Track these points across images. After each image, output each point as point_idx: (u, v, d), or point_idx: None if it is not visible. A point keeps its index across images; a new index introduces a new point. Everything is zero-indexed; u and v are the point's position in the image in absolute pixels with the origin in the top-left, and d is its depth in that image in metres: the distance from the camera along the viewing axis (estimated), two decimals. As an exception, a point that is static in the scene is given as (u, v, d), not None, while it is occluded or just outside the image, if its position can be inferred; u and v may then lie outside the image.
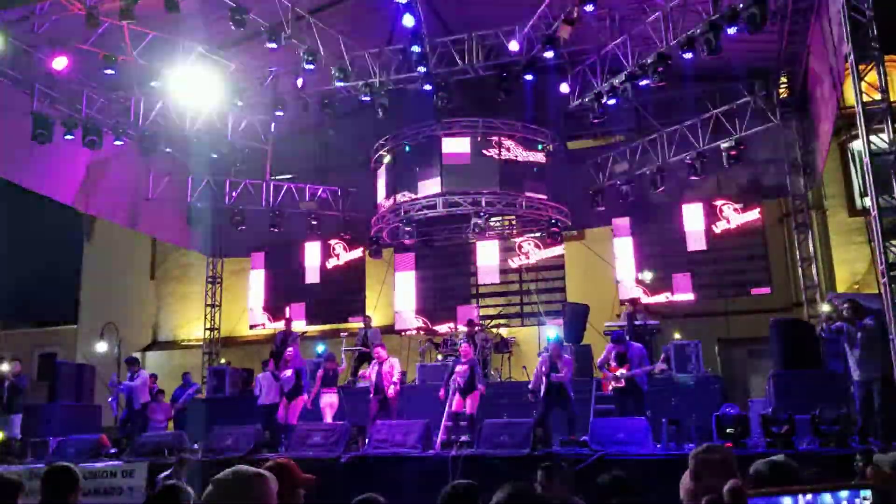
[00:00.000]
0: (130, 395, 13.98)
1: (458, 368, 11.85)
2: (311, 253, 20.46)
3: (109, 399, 14.77)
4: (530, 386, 11.75)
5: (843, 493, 2.26)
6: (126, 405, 14.09)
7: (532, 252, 18.98)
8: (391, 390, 12.39)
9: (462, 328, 16.31)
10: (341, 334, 16.81)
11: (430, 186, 17.06)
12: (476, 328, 15.42)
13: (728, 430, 9.54)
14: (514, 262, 19.08)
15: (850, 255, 16.73)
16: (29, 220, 25.15)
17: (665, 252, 17.86)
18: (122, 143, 16.34)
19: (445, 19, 17.19)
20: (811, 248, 16.97)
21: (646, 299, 16.89)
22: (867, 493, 2.26)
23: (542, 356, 12.05)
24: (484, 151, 17.19)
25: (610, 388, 11.60)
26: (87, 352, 21.72)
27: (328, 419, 12.66)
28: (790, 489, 2.34)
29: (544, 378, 11.31)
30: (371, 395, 12.58)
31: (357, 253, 19.98)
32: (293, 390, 12.65)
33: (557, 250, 18.70)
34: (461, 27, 16.64)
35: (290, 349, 13.34)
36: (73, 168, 16.75)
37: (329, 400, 13.07)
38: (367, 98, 16.47)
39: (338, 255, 20.29)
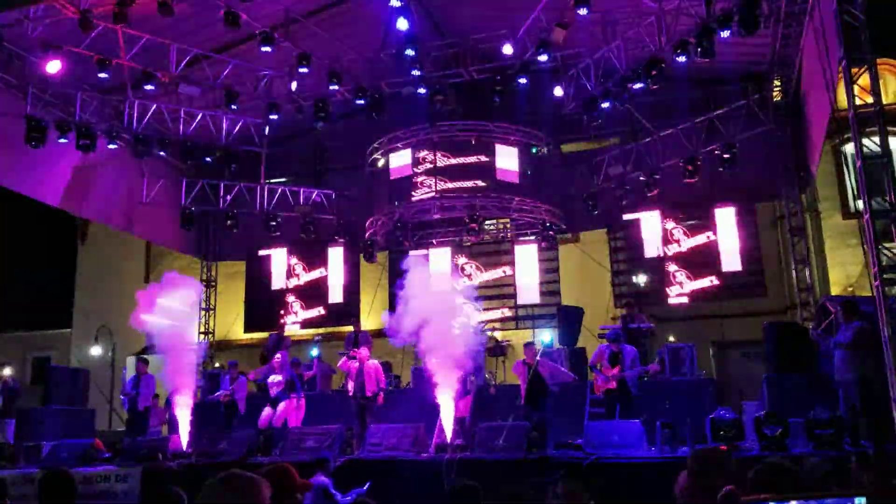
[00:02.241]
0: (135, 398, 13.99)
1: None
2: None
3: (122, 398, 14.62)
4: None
5: (836, 500, 2.23)
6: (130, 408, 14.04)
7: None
8: (378, 396, 12.38)
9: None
10: (315, 338, 16.73)
11: (425, 190, 17.07)
12: None
13: (722, 433, 9.55)
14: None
15: (844, 257, 16.75)
16: (22, 224, 25.07)
17: (659, 255, 17.90)
18: (115, 146, 16.35)
19: (439, 23, 17.22)
20: (805, 251, 17.02)
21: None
22: (861, 500, 2.23)
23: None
24: (478, 155, 17.19)
25: (601, 390, 11.61)
26: (82, 356, 21.65)
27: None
28: (784, 496, 2.33)
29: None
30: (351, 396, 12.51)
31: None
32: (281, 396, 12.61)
33: (552, 253, 18.73)
34: (455, 31, 16.69)
35: (278, 355, 13.19)
36: (60, 170, 16.68)
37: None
38: (362, 101, 16.50)
39: (297, 276, 20.45)
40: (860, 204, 10.45)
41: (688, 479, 3.29)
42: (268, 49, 14.62)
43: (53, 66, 13.84)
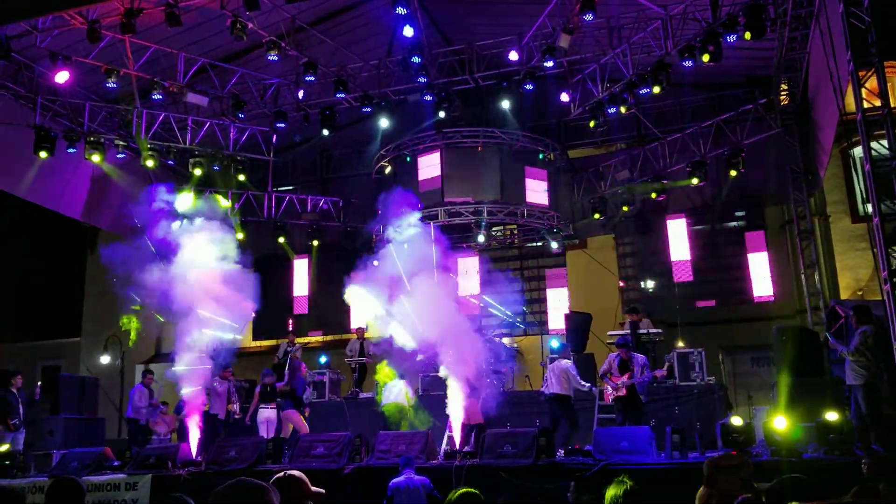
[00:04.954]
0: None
1: None
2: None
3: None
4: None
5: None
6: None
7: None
8: None
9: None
10: (289, 349, 16.72)
11: (432, 196, 17.10)
12: None
13: (732, 439, 9.50)
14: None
15: (853, 261, 16.67)
16: (30, 232, 25.16)
17: (667, 260, 17.87)
18: (123, 155, 16.42)
19: (445, 30, 17.26)
20: (814, 255, 16.95)
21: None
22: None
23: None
24: (485, 161, 17.20)
25: (611, 398, 11.55)
26: (91, 364, 21.69)
27: (263, 433, 12.69)
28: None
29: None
30: None
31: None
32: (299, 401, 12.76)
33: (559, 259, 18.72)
34: (461, 38, 16.72)
35: (303, 364, 13.40)
36: (78, 182, 16.81)
37: (266, 415, 13.18)
38: (368, 109, 16.54)
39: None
40: (869, 207, 10.40)
41: (704, 488, 3.28)
42: (274, 58, 14.67)
43: (62, 77, 13.93)
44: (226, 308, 12.05)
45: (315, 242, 19.57)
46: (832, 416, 9.22)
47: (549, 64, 14.78)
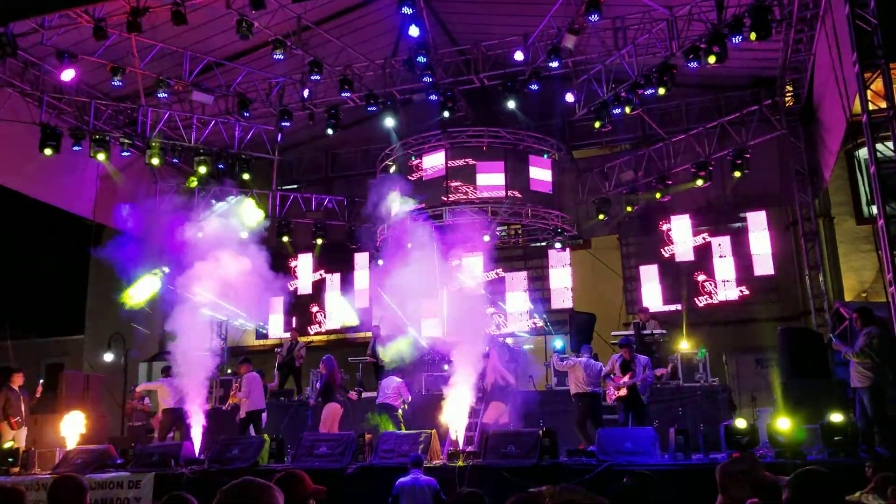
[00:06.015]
0: None
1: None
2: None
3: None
4: None
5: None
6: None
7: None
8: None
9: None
10: (276, 350, 16.73)
11: (435, 196, 17.11)
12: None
13: (736, 440, 9.49)
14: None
15: (858, 262, 16.63)
16: (34, 229, 25.19)
17: (672, 261, 17.84)
18: (129, 153, 16.45)
19: (451, 30, 17.26)
20: (818, 257, 16.91)
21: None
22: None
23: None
24: (489, 161, 17.21)
25: (613, 398, 11.55)
26: (94, 362, 21.72)
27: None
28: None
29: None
30: None
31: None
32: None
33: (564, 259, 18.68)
34: (466, 37, 16.73)
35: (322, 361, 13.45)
36: (87, 180, 16.84)
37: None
38: (373, 108, 16.55)
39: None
40: (874, 209, 10.38)
41: (719, 496, 3.26)
42: (280, 56, 14.69)
43: (68, 75, 13.98)
44: (241, 304, 12.07)
45: (319, 241, 19.59)
46: (837, 417, 9.20)
47: (555, 64, 14.77)
